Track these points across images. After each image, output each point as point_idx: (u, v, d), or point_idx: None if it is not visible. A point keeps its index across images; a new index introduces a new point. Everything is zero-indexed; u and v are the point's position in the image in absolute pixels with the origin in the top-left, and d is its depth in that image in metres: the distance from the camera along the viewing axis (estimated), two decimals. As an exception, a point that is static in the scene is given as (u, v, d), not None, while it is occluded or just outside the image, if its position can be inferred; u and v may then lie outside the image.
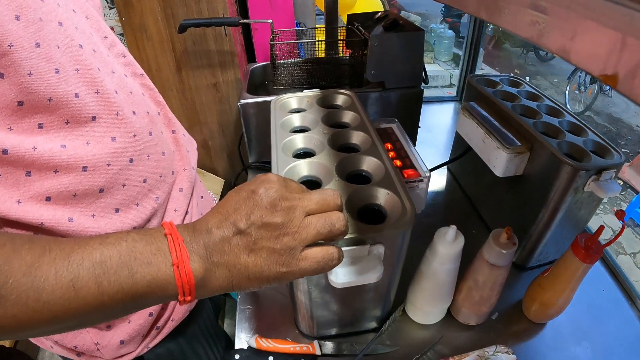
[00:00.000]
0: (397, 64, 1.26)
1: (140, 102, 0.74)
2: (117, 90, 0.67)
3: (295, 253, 0.49)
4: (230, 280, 0.49)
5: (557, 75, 6.87)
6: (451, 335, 0.91)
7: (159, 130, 0.78)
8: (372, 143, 0.85)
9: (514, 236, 0.77)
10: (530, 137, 0.94)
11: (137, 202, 0.72)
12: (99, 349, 0.76)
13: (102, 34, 0.72)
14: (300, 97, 1.04)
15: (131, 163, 0.69)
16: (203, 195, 1.02)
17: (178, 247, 0.46)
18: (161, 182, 0.78)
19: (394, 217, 0.67)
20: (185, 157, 0.87)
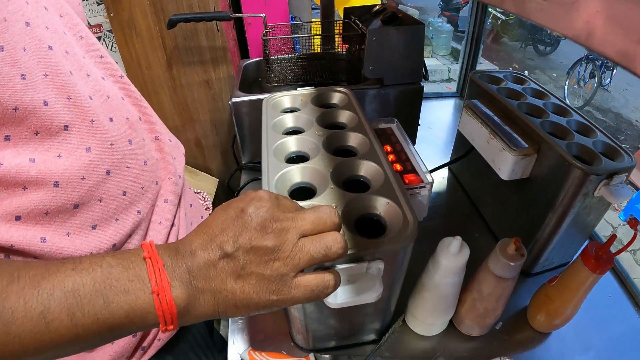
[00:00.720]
0: (396, 59, 1.21)
1: (118, 107, 0.69)
2: (92, 95, 0.62)
3: (287, 280, 0.46)
4: (216, 307, 0.46)
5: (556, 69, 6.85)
6: (453, 346, 0.87)
7: (140, 137, 0.73)
8: (370, 146, 0.80)
9: (522, 247, 0.73)
10: (537, 138, 0.89)
11: (116, 217, 0.67)
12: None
13: (77, 33, 0.66)
14: (294, 96, 0.99)
15: (108, 175, 0.64)
16: (192, 204, 0.97)
17: (158, 272, 0.43)
18: (143, 194, 0.72)
19: (394, 230, 0.62)
20: (170, 165, 0.81)
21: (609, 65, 5.67)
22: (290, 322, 0.80)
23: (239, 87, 1.30)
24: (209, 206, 1.95)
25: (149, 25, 1.68)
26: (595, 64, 5.64)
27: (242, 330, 0.91)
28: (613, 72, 5.77)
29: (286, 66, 1.47)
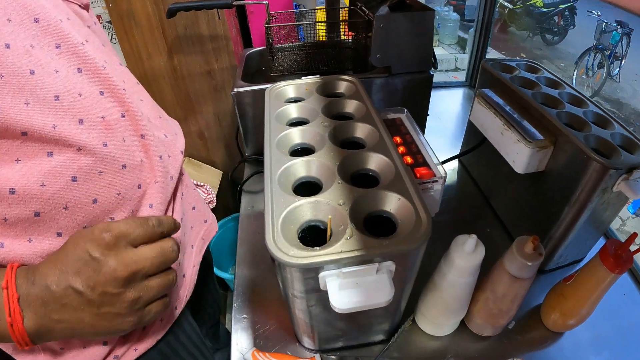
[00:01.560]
0: (405, 47, 1.17)
1: (92, 105, 0.62)
2: (58, 95, 0.56)
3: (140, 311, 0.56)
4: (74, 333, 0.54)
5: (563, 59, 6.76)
6: (463, 345, 0.85)
7: (119, 137, 0.66)
8: (379, 137, 0.76)
9: (540, 246, 0.69)
10: (554, 130, 0.85)
11: (84, 225, 0.62)
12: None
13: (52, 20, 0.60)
14: (299, 85, 0.95)
15: (75, 182, 0.59)
16: (196, 206, 0.92)
17: (12, 304, 0.48)
18: (119, 201, 0.67)
19: (406, 228, 0.58)
20: (158, 167, 0.74)
21: (617, 55, 5.60)
22: (296, 323, 0.76)
23: (241, 77, 1.26)
24: (213, 199, 1.92)
25: (148, 14, 1.64)
26: (604, 54, 5.56)
27: (246, 330, 0.88)
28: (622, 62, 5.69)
29: (290, 55, 1.43)
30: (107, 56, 0.69)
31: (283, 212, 0.60)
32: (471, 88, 1.86)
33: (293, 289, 0.60)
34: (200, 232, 0.95)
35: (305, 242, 0.57)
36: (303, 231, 0.61)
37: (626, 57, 5.60)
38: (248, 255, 1.05)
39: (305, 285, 0.58)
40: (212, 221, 1.01)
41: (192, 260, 0.90)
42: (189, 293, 0.90)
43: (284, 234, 0.57)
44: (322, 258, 0.53)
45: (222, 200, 2.11)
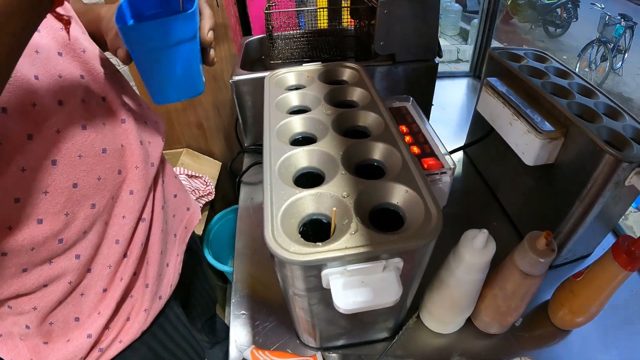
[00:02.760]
0: (409, 34, 1.14)
1: (73, 87, 0.61)
2: (38, 74, 0.55)
3: None
4: None
5: (566, 52, 6.71)
6: (469, 343, 0.83)
7: (99, 121, 0.65)
8: (385, 126, 0.72)
9: (553, 242, 0.66)
10: (564, 121, 0.82)
11: (65, 211, 0.61)
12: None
13: None
14: (300, 72, 0.92)
15: (55, 166, 0.57)
16: (178, 194, 0.91)
17: None
18: (100, 186, 0.66)
19: (415, 223, 0.55)
20: (137, 153, 0.73)
21: (620, 49, 5.56)
22: (296, 320, 0.74)
23: (240, 65, 1.23)
24: (212, 191, 1.90)
25: (145, 1, 1.60)
26: (607, 47, 5.52)
27: (245, 327, 0.86)
28: (625, 55, 5.65)
29: (290, 43, 1.40)
30: (88, 43, 0.68)
31: (283, 205, 0.57)
32: (475, 78, 1.83)
33: (294, 287, 0.57)
34: (183, 221, 0.94)
35: (307, 238, 0.54)
36: (304, 225, 0.58)
37: (629, 50, 5.56)
38: (247, 248, 1.03)
39: (307, 284, 0.55)
40: (195, 209, 1.01)
41: (175, 249, 0.90)
42: (175, 283, 0.90)
43: (284, 229, 0.53)
44: (325, 255, 0.50)
45: (221, 191, 2.08)
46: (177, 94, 0.67)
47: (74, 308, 0.70)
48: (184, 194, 0.95)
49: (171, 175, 0.90)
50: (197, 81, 0.68)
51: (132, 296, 0.78)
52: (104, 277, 0.71)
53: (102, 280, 0.72)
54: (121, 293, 0.75)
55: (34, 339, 0.70)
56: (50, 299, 0.66)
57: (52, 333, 0.70)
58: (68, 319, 0.70)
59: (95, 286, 0.71)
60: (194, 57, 0.65)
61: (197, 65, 0.66)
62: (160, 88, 0.66)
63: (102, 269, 0.71)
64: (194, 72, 0.66)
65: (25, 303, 0.65)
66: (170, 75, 0.64)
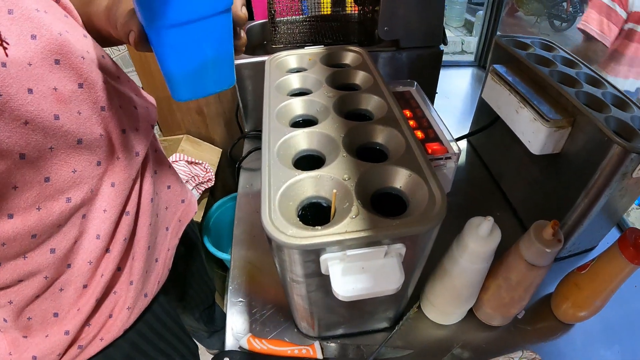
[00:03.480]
0: (414, 20, 1.12)
1: (43, 75, 0.56)
2: (5, 62, 0.50)
3: None
4: None
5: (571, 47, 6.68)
6: (471, 335, 0.81)
7: (74, 110, 0.60)
8: (388, 109, 0.70)
9: (559, 232, 0.64)
10: (572, 110, 0.80)
11: (37, 205, 0.58)
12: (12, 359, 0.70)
13: None
14: (301, 55, 0.90)
15: (23, 159, 0.53)
16: (172, 185, 0.88)
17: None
18: (76, 179, 0.62)
19: (418, 208, 0.53)
20: (120, 141, 0.68)
21: (626, 44, 5.52)
22: (294, 308, 0.72)
23: (241, 49, 1.20)
24: (211, 177, 1.88)
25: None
26: (613, 42, 5.49)
27: (242, 315, 0.85)
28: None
29: (293, 28, 1.37)
30: (70, 27, 0.62)
31: (282, 187, 0.55)
32: (480, 69, 1.81)
33: (291, 272, 0.55)
34: (176, 213, 0.91)
35: (306, 221, 0.52)
36: (303, 209, 0.56)
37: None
38: (245, 235, 1.02)
39: (305, 269, 0.54)
40: (191, 201, 0.97)
41: (166, 244, 0.87)
42: (163, 279, 0.87)
43: (282, 212, 0.52)
44: (324, 238, 0.48)
45: (221, 178, 2.07)
46: (206, 85, 0.57)
47: (52, 303, 0.68)
48: (179, 185, 0.91)
49: (165, 165, 0.86)
50: (229, 68, 0.58)
51: (115, 292, 0.76)
52: (84, 273, 0.69)
53: (82, 276, 0.69)
54: (102, 289, 0.72)
55: (13, 332, 0.68)
56: (25, 294, 0.64)
57: (30, 328, 0.68)
58: (46, 314, 0.69)
59: (75, 282, 0.69)
60: (226, 37, 0.55)
61: (230, 47, 0.56)
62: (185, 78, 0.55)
63: (82, 265, 0.68)
64: (226, 56, 0.56)
65: (1, 296, 0.63)
66: (197, 60, 0.54)
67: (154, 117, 0.81)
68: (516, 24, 7.51)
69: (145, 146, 0.74)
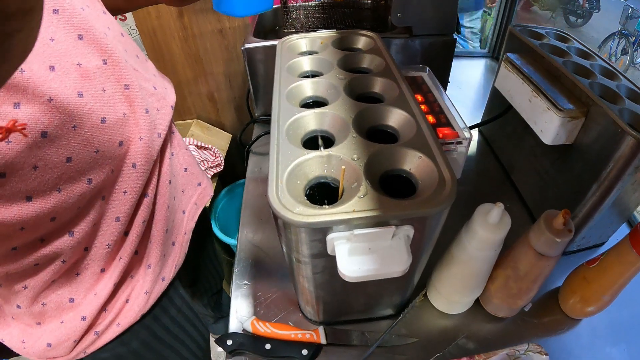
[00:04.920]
0: (428, 6, 1.10)
1: (66, 51, 0.55)
2: None
3: None
4: None
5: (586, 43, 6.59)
6: (477, 325, 0.80)
7: (99, 87, 0.58)
8: (399, 92, 0.69)
9: (570, 222, 0.63)
10: (586, 100, 0.79)
11: (58, 187, 0.55)
12: (25, 347, 0.70)
13: None
14: (313, 38, 0.89)
15: (44, 138, 0.51)
16: (188, 167, 0.87)
17: None
18: (98, 160, 0.59)
19: (427, 190, 0.52)
20: (143, 122, 0.66)
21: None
22: (299, 291, 0.72)
23: (253, 33, 1.20)
24: (221, 162, 1.88)
25: (158, -33, 1.57)
26: (629, 40, 5.41)
27: (246, 298, 0.85)
28: (646, 50, 5.55)
29: (305, 13, 1.36)
30: (90, 2, 0.62)
31: (289, 165, 0.54)
32: (494, 59, 1.80)
33: (297, 252, 0.55)
34: (193, 197, 0.90)
35: (314, 201, 0.52)
36: (311, 188, 0.55)
37: (651, 45, 5.45)
38: (252, 219, 1.02)
39: (311, 249, 0.53)
40: (207, 185, 0.96)
41: (183, 227, 0.86)
42: (180, 262, 0.86)
43: (290, 190, 0.51)
44: (331, 217, 0.47)
45: (230, 164, 2.07)
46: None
47: (68, 288, 0.68)
48: (195, 167, 0.91)
49: (182, 147, 0.85)
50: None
51: (133, 277, 0.76)
52: (102, 257, 0.68)
53: (100, 260, 0.68)
54: (120, 273, 0.72)
55: (26, 319, 0.68)
56: (41, 278, 0.63)
57: (45, 314, 0.68)
58: (62, 300, 0.68)
59: (93, 266, 0.68)
60: None
61: None
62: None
63: (101, 248, 0.67)
64: None
65: (16, 281, 0.62)
66: None
67: (173, 97, 0.80)
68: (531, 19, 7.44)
69: (166, 127, 0.73)
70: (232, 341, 0.75)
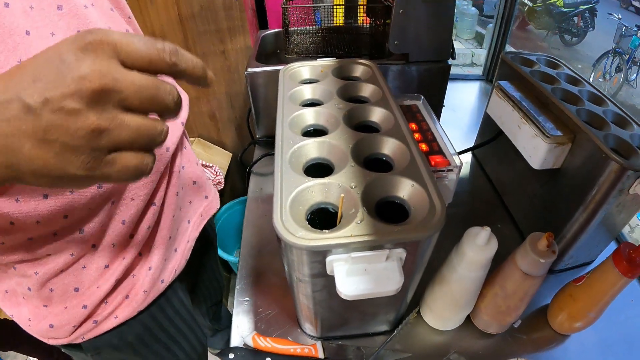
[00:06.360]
0: (424, 34, 1.14)
1: None
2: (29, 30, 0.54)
3: (99, 155, 0.36)
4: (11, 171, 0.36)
5: (581, 61, 6.66)
6: (468, 341, 0.83)
7: None
8: (395, 122, 0.74)
9: (554, 243, 0.67)
10: (572, 127, 0.83)
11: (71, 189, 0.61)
12: (30, 325, 0.75)
13: None
14: (314, 66, 0.93)
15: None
16: (197, 181, 0.91)
17: None
18: None
19: (419, 215, 0.56)
20: None
21: (636, 61, 5.50)
22: (299, 308, 0.75)
23: (255, 57, 1.24)
24: (221, 180, 1.91)
25: (164, -8, 1.62)
26: (623, 58, 5.46)
27: (248, 313, 0.87)
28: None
29: (306, 38, 1.41)
30: (113, 22, 0.67)
31: (292, 192, 0.58)
32: (488, 82, 1.84)
33: (299, 272, 0.59)
34: (199, 209, 0.94)
35: (314, 225, 0.56)
36: (312, 213, 0.59)
37: (645, 63, 5.50)
38: (253, 238, 1.04)
39: (312, 269, 0.57)
40: (214, 198, 1.01)
41: (186, 236, 0.90)
42: (180, 268, 0.90)
43: (293, 215, 0.55)
44: (331, 241, 0.51)
45: (230, 182, 2.10)
46: None
47: (74, 278, 0.72)
48: (204, 181, 0.95)
49: (193, 162, 0.90)
50: None
51: (134, 275, 0.80)
52: (107, 254, 0.73)
53: (105, 257, 0.73)
54: (122, 271, 0.76)
55: (35, 300, 0.72)
56: (51, 267, 0.67)
57: (51, 299, 0.72)
58: (68, 288, 0.72)
59: (98, 261, 0.73)
60: None
61: None
62: None
63: (106, 246, 0.72)
64: None
65: (29, 267, 0.67)
66: None
67: (184, 114, 0.84)
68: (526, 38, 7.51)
69: (175, 142, 0.78)
70: (234, 355, 0.78)
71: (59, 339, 0.77)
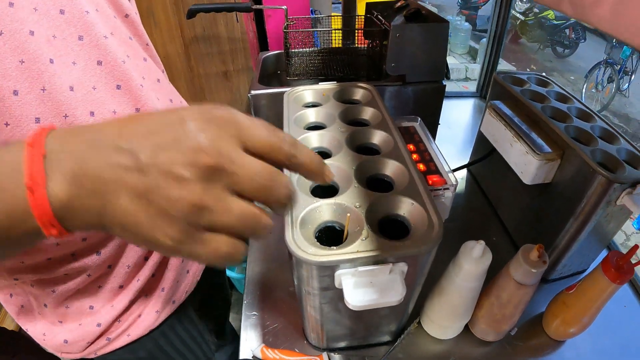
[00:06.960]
0: (419, 56, 1.19)
1: (105, 99, 0.62)
2: (73, 86, 0.57)
3: (193, 231, 0.35)
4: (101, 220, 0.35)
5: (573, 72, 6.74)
6: (467, 349, 0.86)
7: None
8: (394, 144, 0.78)
9: (545, 254, 0.71)
10: (561, 144, 0.87)
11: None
12: (45, 340, 0.77)
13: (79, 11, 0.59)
14: (316, 90, 0.97)
15: None
16: None
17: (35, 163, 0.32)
18: None
19: (419, 232, 0.60)
20: None
21: (627, 71, 5.57)
22: (305, 319, 0.78)
23: (258, 79, 1.28)
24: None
25: (167, 15, 1.66)
26: (614, 69, 5.53)
27: (255, 327, 0.90)
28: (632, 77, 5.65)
29: (306, 60, 1.45)
30: (132, 50, 0.70)
31: (302, 212, 0.62)
32: (482, 99, 1.87)
33: (308, 285, 0.62)
34: None
35: (322, 242, 0.59)
36: (320, 231, 0.63)
37: (636, 72, 5.55)
38: (260, 253, 1.07)
39: (321, 283, 0.61)
40: None
41: None
42: (191, 288, 0.93)
43: (303, 233, 0.59)
44: (339, 257, 0.55)
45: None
46: None
47: (90, 297, 0.75)
48: None
49: None
50: None
51: (147, 296, 0.82)
52: (122, 275, 0.75)
53: (120, 278, 0.75)
54: (136, 291, 0.79)
55: (51, 316, 0.75)
56: (68, 286, 0.70)
57: (67, 315, 0.75)
58: (83, 306, 0.75)
59: (113, 282, 0.75)
60: None
61: None
62: None
63: (121, 268, 0.75)
64: None
65: (47, 285, 0.69)
66: None
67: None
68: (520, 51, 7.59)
69: None
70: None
71: (72, 354, 0.80)
